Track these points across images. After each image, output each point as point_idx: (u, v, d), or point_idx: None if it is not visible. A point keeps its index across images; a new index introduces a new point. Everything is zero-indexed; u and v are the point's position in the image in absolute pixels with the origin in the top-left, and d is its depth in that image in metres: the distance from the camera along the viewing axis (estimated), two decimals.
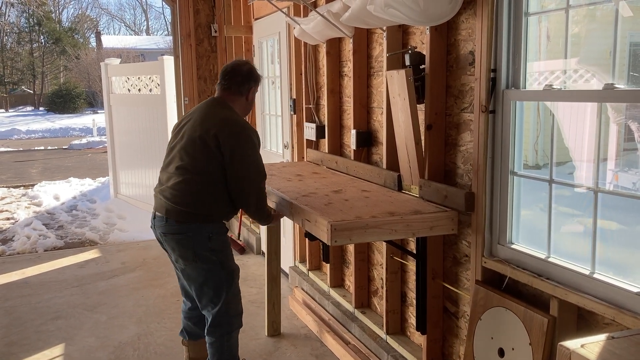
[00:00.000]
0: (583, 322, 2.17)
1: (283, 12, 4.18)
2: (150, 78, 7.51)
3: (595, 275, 2.09)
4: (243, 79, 3.00)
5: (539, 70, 2.42)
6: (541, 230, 2.38)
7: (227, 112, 2.93)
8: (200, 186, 2.84)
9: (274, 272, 3.88)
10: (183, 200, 2.84)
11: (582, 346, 1.31)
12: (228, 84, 3.00)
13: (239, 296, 3.07)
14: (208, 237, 2.87)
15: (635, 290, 1.92)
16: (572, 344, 1.32)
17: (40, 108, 33.82)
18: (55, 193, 9.22)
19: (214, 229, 2.90)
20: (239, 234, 6.12)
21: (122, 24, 52.15)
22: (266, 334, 3.90)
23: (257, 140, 2.95)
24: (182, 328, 3.33)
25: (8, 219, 7.81)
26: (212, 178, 2.84)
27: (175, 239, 2.87)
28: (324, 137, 4.07)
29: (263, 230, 5.60)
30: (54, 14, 39.85)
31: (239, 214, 6.22)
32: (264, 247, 5.67)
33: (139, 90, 7.79)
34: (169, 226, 2.87)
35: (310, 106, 4.31)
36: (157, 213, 2.94)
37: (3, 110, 33.29)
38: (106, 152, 9.01)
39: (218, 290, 2.94)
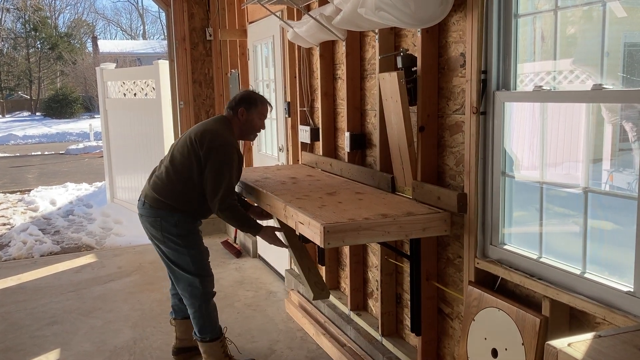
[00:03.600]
0: (575, 321, 2.18)
1: (276, 15, 4.19)
2: (145, 82, 7.51)
3: (586, 275, 2.10)
4: (236, 101, 3.36)
5: (535, 70, 2.43)
6: (533, 231, 2.39)
7: (218, 126, 3.28)
8: (179, 184, 3.22)
9: (298, 245, 3.53)
10: (161, 189, 3.24)
11: (569, 345, 1.31)
12: (227, 105, 3.42)
13: (210, 276, 3.38)
14: (175, 224, 3.23)
15: (625, 289, 1.93)
16: (559, 343, 1.33)
17: (37, 113, 33.78)
18: (51, 198, 9.21)
19: (181, 217, 3.25)
20: (235, 237, 6.13)
21: (119, 29, 52.20)
22: (312, 296, 3.40)
23: (237, 158, 3.23)
24: (172, 307, 3.67)
25: (4, 224, 7.80)
26: (192, 179, 3.20)
27: (149, 221, 3.28)
28: (319, 140, 4.08)
29: None
30: (50, 20, 39.82)
31: None
32: (260, 251, 5.68)
33: (135, 94, 7.79)
34: (144, 209, 3.30)
35: (305, 109, 4.32)
36: (141, 196, 3.36)
37: (0, 115, 33.26)
38: (103, 156, 9.01)
39: (188, 270, 3.29)
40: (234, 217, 3.26)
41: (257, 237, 3.36)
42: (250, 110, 3.35)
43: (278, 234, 3.35)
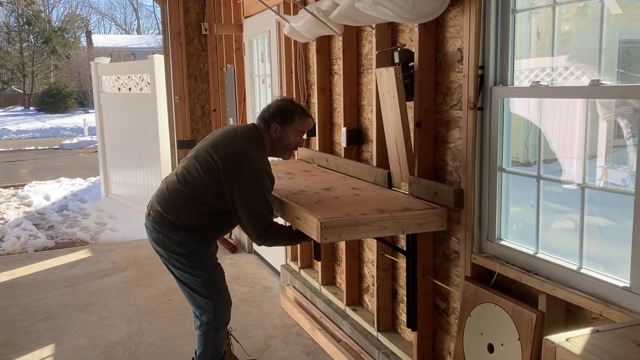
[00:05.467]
0: (571, 317, 2.18)
1: (273, 10, 4.17)
2: (140, 77, 7.48)
3: (582, 271, 2.10)
4: (270, 114, 2.92)
5: (530, 67, 2.43)
6: (530, 227, 2.39)
7: (247, 145, 2.84)
8: (188, 201, 2.86)
9: None
10: (167, 204, 2.89)
11: (567, 340, 1.32)
12: (260, 114, 2.99)
13: (223, 297, 3.04)
14: (179, 242, 2.87)
15: (622, 284, 1.94)
16: (557, 338, 1.33)
17: (31, 108, 33.57)
18: (45, 193, 9.16)
19: (186, 235, 2.87)
20: (231, 233, 6.12)
21: (113, 23, 51.92)
22: None
23: (269, 182, 2.83)
24: None
25: None
26: (203, 199, 2.84)
27: (152, 235, 2.95)
28: (315, 135, 4.07)
29: None
30: (43, 13, 39.56)
31: None
32: (255, 246, 5.67)
33: (130, 89, 7.75)
34: (148, 221, 2.96)
35: (301, 104, 4.30)
36: (148, 205, 3.03)
37: None
38: (97, 151, 8.96)
39: (195, 293, 2.98)
40: (279, 239, 2.88)
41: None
42: (285, 126, 2.91)
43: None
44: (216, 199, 2.82)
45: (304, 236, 2.78)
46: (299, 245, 4.50)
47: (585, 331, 1.38)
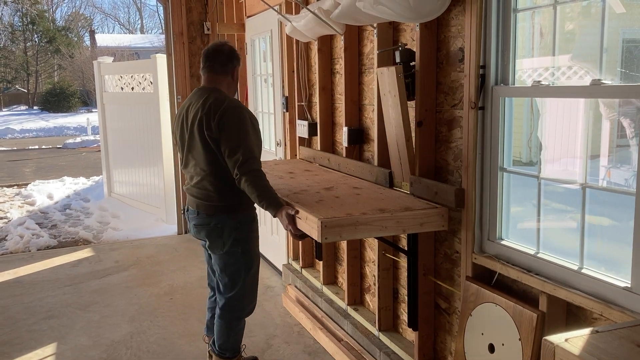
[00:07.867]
0: (572, 317, 2.18)
1: (275, 9, 4.17)
2: (143, 76, 7.48)
3: (583, 271, 2.10)
4: (226, 58, 3.05)
5: (533, 66, 2.42)
6: (531, 226, 2.39)
7: (212, 98, 2.94)
8: (217, 181, 2.95)
9: None
10: (207, 195, 2.99)
11: (566, 340, 1.31)
12: (212, 64, 3.05)
13: (255, 285, 3.20)
14: (235, 227, 2.99)
15: (623, 285, 1.93)
16: (556, 338, 1.32)
17: (34, 107, 33.66)
18: (48, 192, 9.18)
19: (242, 218, 3.01)
20: None
21: (116, 23, 52.05)
22: None
23: (249, 117, 2.91)
24: (206, 323, 3.49)
25: (1, 218, 7.77)
26: (224, 169, 2.91)
27: (207, 230, 3.03)
28: (316, 135, 4.07)
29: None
30: (47, 13, 39.65)
31: None
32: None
33: (132, 88, 7.76)
34: (200, 219, 3.04)
35: (303, 104, 4.31)
36: (189, 207, 3.12)
37: None
38: (100, 150, 8.98)
39: (235, 277, 3.08)
40: (255, 183, 2.78)
41: (276, 217, 2.81)
42: (238, 65, 3.11)
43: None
44: (221, 156, 2.88)
45: (275, 204, 2.77)
46: (300, 244, 4.50)
47: (585, 332, 1.38)
